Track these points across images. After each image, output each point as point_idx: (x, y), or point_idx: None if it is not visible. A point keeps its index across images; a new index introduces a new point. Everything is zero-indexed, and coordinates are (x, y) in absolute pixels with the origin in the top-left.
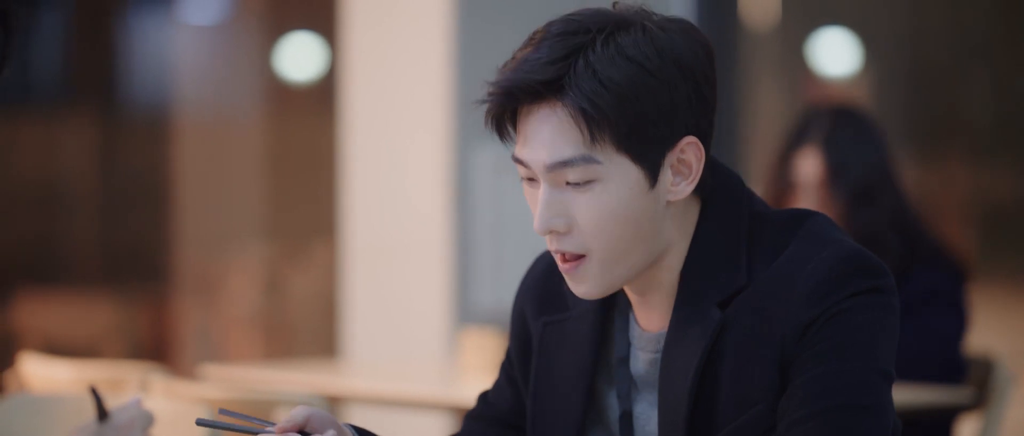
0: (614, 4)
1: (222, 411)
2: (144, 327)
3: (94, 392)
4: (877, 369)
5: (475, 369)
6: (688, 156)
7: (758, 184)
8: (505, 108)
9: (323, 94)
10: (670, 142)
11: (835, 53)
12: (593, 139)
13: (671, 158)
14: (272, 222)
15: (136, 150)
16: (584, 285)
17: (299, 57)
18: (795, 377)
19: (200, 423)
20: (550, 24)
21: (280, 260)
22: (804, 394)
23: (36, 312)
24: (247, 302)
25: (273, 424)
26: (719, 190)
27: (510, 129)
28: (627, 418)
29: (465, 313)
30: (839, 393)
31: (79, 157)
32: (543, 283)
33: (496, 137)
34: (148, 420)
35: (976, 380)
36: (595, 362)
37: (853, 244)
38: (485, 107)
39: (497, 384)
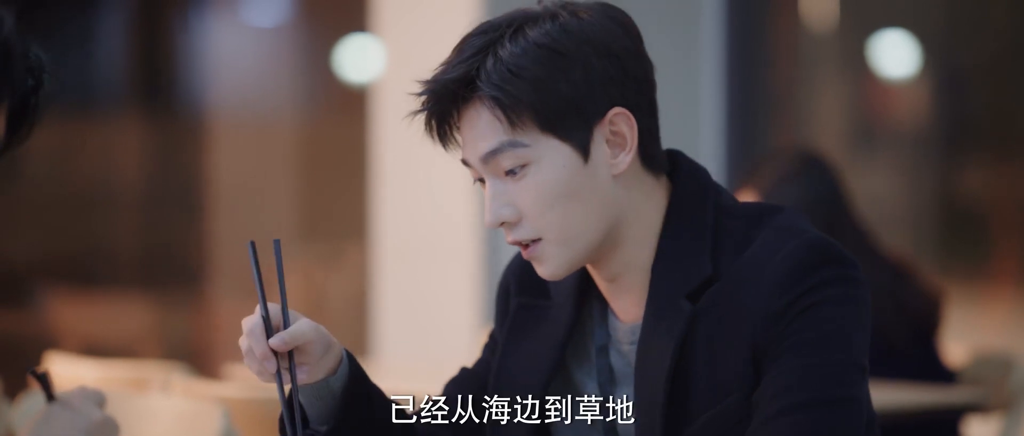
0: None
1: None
2: (182, 328)
3: (38, 376)
4: (851, 362)
5: None
6: (620, 128)
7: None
8: (432, 114)
9: (357, 97)
10: (595, 116)
11: (895, 55)
12: (513, 125)
13: (602, 132)
14: (308, 224)
15: (186, 153)
16: (546, 265)
17: (358, 58)
18: (768, 370)
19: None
20: (471, 29)
21: (316, 262)
22: (778, 388)
23: (76, 313)
24: None
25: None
26: (686, 184)
27: (456, 137)
28: (606, 409)
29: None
30: (814, 387)
31: (133, 160)
32: (530, 264)
33: (441, 146)
34: (99, 398)
35: (991, 381)
36: (565, 349)
37: (821, 235)
38: (421, 118)
39: (478, 361)
